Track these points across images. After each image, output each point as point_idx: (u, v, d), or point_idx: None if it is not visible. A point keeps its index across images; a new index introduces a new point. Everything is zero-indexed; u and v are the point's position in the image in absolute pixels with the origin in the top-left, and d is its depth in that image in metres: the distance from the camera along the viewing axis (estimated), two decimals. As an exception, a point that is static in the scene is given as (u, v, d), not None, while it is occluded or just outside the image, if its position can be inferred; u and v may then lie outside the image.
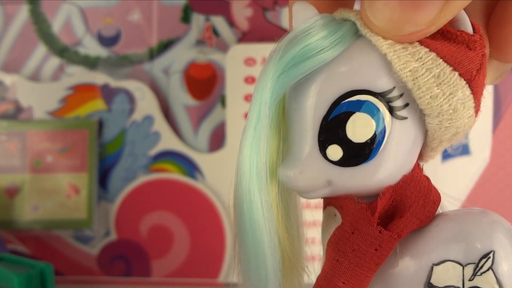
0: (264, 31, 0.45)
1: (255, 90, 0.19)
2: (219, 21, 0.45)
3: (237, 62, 0.43)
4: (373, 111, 0.18)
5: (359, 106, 0.18)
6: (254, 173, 0.19)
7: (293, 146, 0.19)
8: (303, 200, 0.22)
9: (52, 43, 0.47)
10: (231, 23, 0.45)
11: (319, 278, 0.20)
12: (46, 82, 0.47)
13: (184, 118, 0.45)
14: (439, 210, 0.20)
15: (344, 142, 0.18)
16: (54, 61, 0.47)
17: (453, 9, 0.17)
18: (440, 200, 0.20)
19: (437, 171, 0.41)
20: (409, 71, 0.17)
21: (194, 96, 0.45)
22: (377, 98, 0.18)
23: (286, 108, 0.19)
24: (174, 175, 0.44)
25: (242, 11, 0.45)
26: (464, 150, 0.42)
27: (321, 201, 0.22)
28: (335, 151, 0.18)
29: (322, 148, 0.18)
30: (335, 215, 0.20)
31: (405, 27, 0.17)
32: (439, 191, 0.20)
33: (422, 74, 0.17)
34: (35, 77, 0.47)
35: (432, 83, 0.17)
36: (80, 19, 0.47)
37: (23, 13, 0.47)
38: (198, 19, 0.46)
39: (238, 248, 0.21)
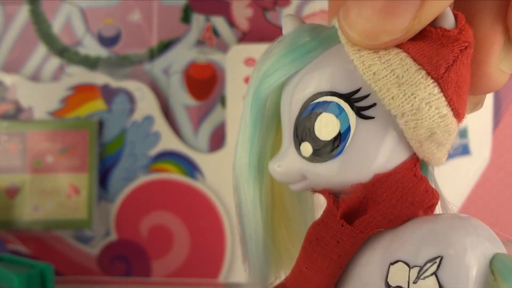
0: (264, 31, 0.45)
1: (246, 93, 0.21)
2: (219, 21, 0.45)
3: (237, 62, 0.43)
4: (337, 111, 0.19)
5: (325, 107, 0.19)
6: (243, 170, 0.22)
7: (282, 142, 0.21)
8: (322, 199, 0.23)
9: (52, 43, 0.47)
10: (231, 23, 0.45)
11: (294, 265, 0.21)
12: (46, 82, 0.47)
13: (184, 118, 0.45)
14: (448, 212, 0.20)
15: (313, 140, 0.19)
16: (54, 61, 0.47)
17: (428, 15, 0.17)
18: (427, 203, 0.19)
19: (437, 171, 0.41)
20: (373, 73, 0.18)
21: (194, 96, 0.45)
22: (341, 99, 0.19)
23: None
24: (174, 175, 0.44)
25: (242, 11, 0.45)
26: (464, 150, 0.42)
27: None
28: (306, 148, 0.19)
29: (297, 144, 0.20)
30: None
31: (379, 36, 0.17)
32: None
33: (385, 76, 0.18)
34: (35, 77, 0.47)
35: (393, 84, 0.18)
36: (80, 19, 0.47)
37: (23, 13, 0.47)
38: (198, 19, 0.46)
39: (240, 243, 0.23)
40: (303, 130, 0.19)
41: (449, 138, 0.19)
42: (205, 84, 0.45)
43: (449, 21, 0.18)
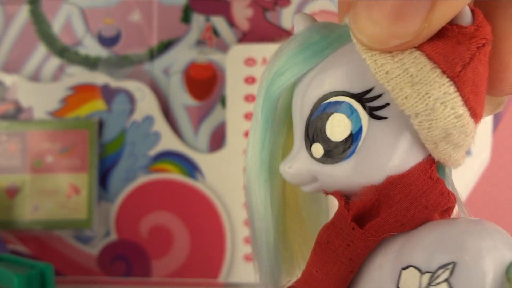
0: (264, 31, 0.45)
1: (257, 92, 0.20)
2: (219, 21, 0.45)
3: (237, 62, 0.43)
4: (349, 112, 0.18)
5: (337, 107, 0.18)
6: (255, 172, 0.21)
7: (294, 143, 0.20)
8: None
9: (52, 43, 0.47)
10: (231, 23, 0.45)
11: (305, 267, 0.21)
12: (46, 82, 0.47)
13: (184, 118, 0.45)
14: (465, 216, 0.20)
15: (325, 141, 0.19)
16: (54, 61, 0.47)
17: (439, 18, 0.16)
18: (443, 207, 0.19)
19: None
20: (385, 72, 0.17)
21: (194, 96, 0.45)
22: (354, 99, 0.18)
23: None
24: (174, 175, 0.44)
25: (242, 11, 0.45)
26: (464, 150, 0.42)
27: None
28: (317, 149, 0.19)
29: (308, 145, 0.19)
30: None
31: (389, 41, 0.17)
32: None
33: (398, 75, 0.17)
34: (35, 77, 0.47)
35: (407, 83, 0.17)
36: (80, 19, 0.47)
37: (23, 13, 0.47)
38: (198, 19, 0.46)
39: (251, 245, 0.22)
40: (314, 131, 0.19)
41: (466, 139, 0.19)
42: (205, 84, 0.45)
43: (466, 18, 0.17)
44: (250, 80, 0.43)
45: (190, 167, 0.44)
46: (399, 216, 0.18)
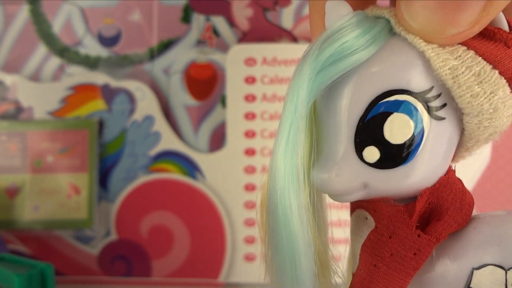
0: (264, 31, 0.45)
1: (290, 89, 0.18)
2: (219, 21, 0.45)
3: (238, 62, 0.43)
4: (411, 112, 0.17)
5: (397, 106, 0.17)
6: (289, 177, 0.18)
7: (326, 147, 0.19)
8: (329, 200, 0.21)
9: (52, 43, 0.47)
10: (232, 23, 0.45)
11: (354, 284, 0.19)
12: (46, 82, 0.47)
13: (184, 118, 0.45)
14: (474, 212, 0.19)
15: (382, 144, 0.17)
16: (55, 61, 0.47)
17: (496, 7, 0.16)
18: (474, 202, 0.19)
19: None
20: (449, 69, 0.17)
21: (194, 96, 0.45)
22: (415, 98, 0.17)
23: (318, 109, 0.19)
24: (175, 175, 0.44)
25: (242, 11, 0.45)
26: (465, 150, 0.42)
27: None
28: (372, 153, 0.17)
29: (359, 149, 0.18)
30: (366, 218, 0.20)
31: (446, 28, 0.16)
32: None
33: (462, 72, 0.17)
34: (35, 77, 0.47)
35: (473, 82, 0.17)
36: (80, 19, 0.47)
37: (23, 13, 0.47)
38: (198, 19, 0.46)
39: (271, 252, 0.20)
40: (368, 133, 0.17)
41: (497, 138, 0.19)
42: (205, 84, 0.45)
43: (505, 24, 0.17)
44: (250, 80, 0.43)
45: (190, 167, 0.44)
46: (457, 217, 0.18)
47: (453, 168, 0.19)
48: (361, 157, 0.18)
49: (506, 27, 0.17)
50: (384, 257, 0.18)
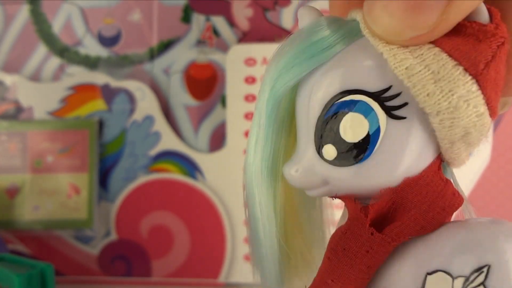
0: (264, 31, 0.45)
1: (259, 90, 0.19)
2: (219, 21, 0.45)
3: (238, 62, 0.43)
4: (366, 111, 0.17)
5: (352, 106, 0.17)
6: (253, 170, 0.20)
7: (298, 144, 0.19)
8: (328, 200, 0.22)
9: (52, 43, 0.47)
10: (232, 23, 0.45)
11: (315, 276, 0.20)
12: (46, 82, 0.47)
13: (184, 118, 0.45)
14: (472, 216, 0.19)
15: (338, 142, 0.18)
16: (55, 61, 0.47)
17: (457, 11, 0.16)
18: (457, 207, 0.18)
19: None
20: (405, 68, 0.17)
21: (194, 96, 0.45)
22: (371, 97, 0.17)
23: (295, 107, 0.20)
24: (175, 175, 0.44)
25: (242, 11, 0.45)
26: (465, 150, 0.42)
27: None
28: (329, 151, 0.18)
29: (318, 147, 0.18)
30: (345, 217, 0.20)
31: (405, 32, 0.16)
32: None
33: (419, 71, 0.16)
34: (35, 77, 0.47)
35: (429, 80, 0.16)
36: (80, 19, 0.47)
37: (23, 13, 0.47)
38: (198, 19, 0.46)
39: (251, 250, 0.21)
40: (326, 132, 0.18)
41: (481, 138, 0.18)
42: (205, 84, 0.45)
43: (483, 16, 0.17)
44: (250, 80, 0.43)
45: (190, 167, 0.44)
46: (419, 219, 0.18)
47: (441, 170, 0.19)
48: (320, 155, 0.18)
49: (484, 18, 0.17)
50: (337, 251, 0.18)
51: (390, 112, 0.17)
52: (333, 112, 0.18)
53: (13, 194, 0.45)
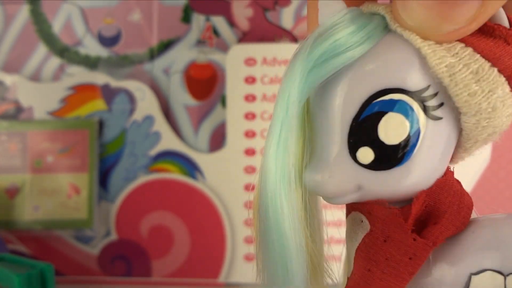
0: (264, 31, 0.45)
1: (281, 88, 0.18)
2: (219, 21, 0.45)
3: (238, 62, 0.43)
4: (407, 111, 0.17)
5: (392, 106, 0.17)
6: (281, 177, 0.18)
7: (319, 148, 0.18)
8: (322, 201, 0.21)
9: (52, 43, 0.47)
10: (232, 23, 0.45)
11: None
12: (46, 82, 0.47)
13: (184, 118, 0.45)
14: (473, 215, 0.19)
15: (376, 144, 0.17)
16: (55, 61, 0.47)
17: (494, 4, 0.16)
18: (473, 205, 0.18)
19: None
20: (445, 66, 0.16)
21: (194, 96, 0.45)
22: (411, 97, 0.17)
23: (312, 108, 0.18)
24: (175, 175, 0.44)
25: (242, 11, 0.45)
26: (465, 150, 0.42)
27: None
28: (366, 154, 0.17)
29: (352, 150, 0.17)
30: (362, 221, 0.19)
31: (442, 26, 0.16)
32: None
33: (459, 70, 0.16)
34: (35, 77, 0.47)
35: (470, 80, 0.16)
36: (80, 19, 0.47)
37: (23, 13, 0.47)
38: (198, 19, 0.46)
39: (262, 253, 0.20)
40: (361, 133, 0.17)
41: (497, 137, 0.18)
42: (205, 84, 0.45)
43: (504, 20, 0.17)
44: (250, 80, 0.43)
45: (190, 167, 0.44)
46: (454, 220, 0.17)
47: (452, 169, 0.19)
48: (355, 158, 0.17)
49: (506, 23, 0.17)
50: (378, 262, 0.18)
51: (429, 112, 0.17)
52: (370, 112, 0.17)
53: (13, 194, 0.45)
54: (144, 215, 0.44)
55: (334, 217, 0.22)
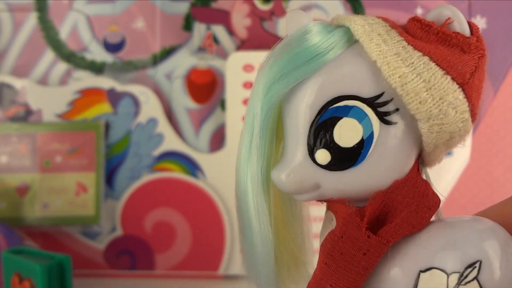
0: (261, 39, 0.47)
1: (248, 101, 0.19)
2: (219, 30, 0.47)
3: (236, 68, 0.45)
4: (360, 116, 0.18)
5: (347, 112, 0.18)
6: (249, 178, 0.20)
7: (286, 149, 0.19)
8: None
9: (59, 49, 0.48)
10: (231, 31, 0.47)
11: (310, 281, 0.20)
12: (54, 86, 0.48)
13: (186, 121, 0.47)
14: (440, 216, 0.20)
15: (332, 147, 0.18)
16: (62, 66, 0.48)
17: None
18: (438, 206, 0.19)
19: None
20: (399, 77, 0.17)
21: (195, 100, 0.47)
22: (365, 103, 0.18)
23: (282, 113, 0.20)
24: (177, 174, 0.46)
25: (241, 21, 0.47)
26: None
27: None
28: (323, 156, 0.18)
29: (311, 152, 0.18)
30: (332, 220, 0.20)
31: None
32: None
33: (412, 80, 0.17)
34: (43, 81, 0.48)
35: (422, 88, 0.17)
36: (86, 26, 0.48)
37: (31, 20, 0.49)
38: (199, 28, 0.47)
39: (240, 245, 0.21)
40: (319, 137, 0.18)
41: (461, 141, 0.19)
42: (206, 88, 0.47)
43: (465, 27, 0.18)
44: (248, 85, 0.45)
45: (192, 166, 0.46)
46: (411, 219, 0.18)
47: (422, 171, 0.19)
48: (314, 160, 0.18)
49: (466, 31, 0.18)
50: (334, 256, 0.18)
51: (383, 117, 0.18)
52: (327, 117, 0.18)
53: (23, 193, 0.46)
54: (148, 211, 0.46)
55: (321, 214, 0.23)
